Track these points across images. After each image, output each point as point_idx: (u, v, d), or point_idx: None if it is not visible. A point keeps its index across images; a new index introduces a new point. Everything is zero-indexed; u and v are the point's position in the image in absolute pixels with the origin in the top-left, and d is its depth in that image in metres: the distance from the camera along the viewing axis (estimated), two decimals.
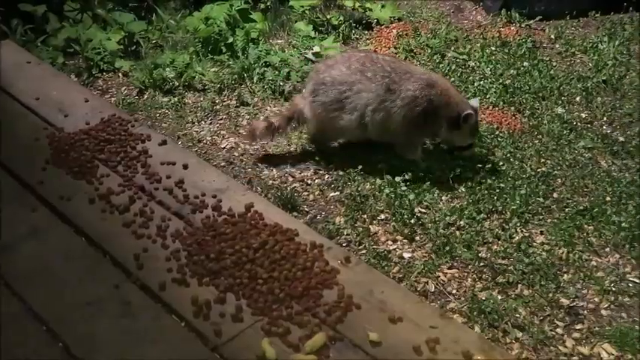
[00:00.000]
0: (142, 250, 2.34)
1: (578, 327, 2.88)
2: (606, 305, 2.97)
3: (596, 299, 3.00)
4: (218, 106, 4.46)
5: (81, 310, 2.11)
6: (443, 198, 3.59)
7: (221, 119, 4.35)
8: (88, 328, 2.05)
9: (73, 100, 3.09)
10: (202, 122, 4.32)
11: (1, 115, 3.01)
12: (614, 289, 3.03)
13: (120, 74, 4.84)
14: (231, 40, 4.98)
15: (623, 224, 3.31)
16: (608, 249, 3.26)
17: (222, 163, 3.90)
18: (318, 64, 4.13)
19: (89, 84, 4.69)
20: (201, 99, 4.54)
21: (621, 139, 4.02)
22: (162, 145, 2.86)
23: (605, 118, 4.22)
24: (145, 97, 4.59)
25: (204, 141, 4.13)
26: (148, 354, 1.98)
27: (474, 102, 3.83)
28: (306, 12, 5.40)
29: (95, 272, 2.27)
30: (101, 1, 5.32)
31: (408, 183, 3.63)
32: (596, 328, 2.86)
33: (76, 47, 4.94)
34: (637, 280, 3.08)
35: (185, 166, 2.74)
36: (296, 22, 5.36)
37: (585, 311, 2.95)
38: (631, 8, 5.34)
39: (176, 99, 4.52)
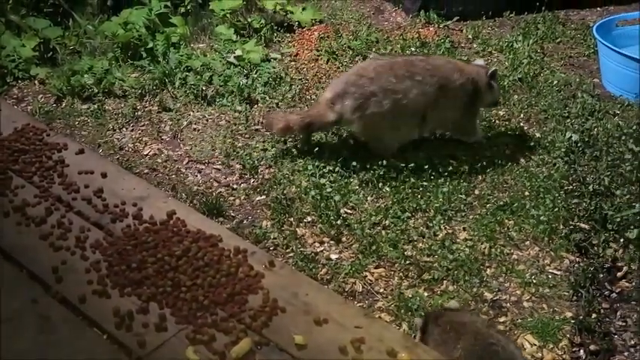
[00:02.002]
0: (60, 262, 2.27)
1: (502, 319, 2.95)
2: (528, 297, 3.05)
3: (518, 292, 3.08)
4: (140, 112, 4.39)
5: (1, 327, 2.03)
6: (368, 198, 3.62)
7: (143, 125, 4.28)
8: (6, 345, 1.98)
9: None
10: (124, 129, 4.24)
11: None
12: (534, 281, 3.12)
13: (36, 82, 4.70)
14: (151, 45, 4.91)
15: (542, 218, 3.41)
16: (528, 242, 3.35)
17: (145, 171, 3.84)
18: (349, 75, 3.95)
19: (3, 93, 4.54)
20: (122, 105, 4.46)
21: (537, 134, 4.14)
22: (80, 154, 2.78)
23: (522, 115, 4.34)
24: (63, 104, 4.47)
25: (126, 148, 4.05)
26: None
27: (480, 61, 4.31)
28: (227, 15, 5.36)
29: (11, 287, 2.19)
30: (14, 6, 5.15)
31: (334, 184, 3.65)
32: (519, 320, 2.94)
33: None
34: (556, 272, 3.18)
35: (104, 175, 2.67)
36: (217, 25, 5.32)
37: (508, 304, 3.03)
38: (543, 8, 5.51)
39: (96, 106, 4.42)
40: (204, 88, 4.55)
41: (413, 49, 5.07)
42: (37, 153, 2.77)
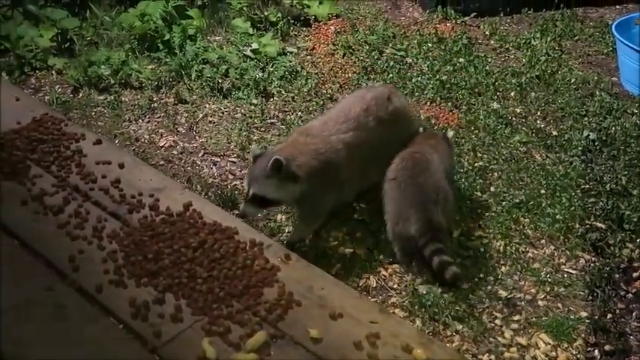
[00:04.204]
0: (77, 251, 2.28)
1: (516, 318, 2.93)
2: (542, 296, 3.04)
3: (533, 290, 3.07)
4: (156, 104, 4.39)
5: (13, 314, 2.04)
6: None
7: (159, 117, 4.28)
8: (21, 332, 1.99)
9: (3, 99, 2.98)
10: (139, 120, 4.25)
11: None
12: (549, 280, 3.10)
13: (53, 72, 4.71)
14: (167, 37, 4.91)
15: (558, 216, 3.40)
16: (543, 241, 3.33)
17: (161, 162, 3.84)
18: None
19: (21, 82, 4.56)
20: (138, 97, 4.46)
21: (554, 132, 4.11)
22: (97, 145, 2.79)
23: (539, 113, 4.31)
24: (80, 95, 4.48)
25: (142, 139, 4.06)
26: (85, 357, 1.93)
27: None
28: (244, 8, 5.36)
29: (28, 275, 2.20)
30: None
31: None
32: (534, 319, 2.92)
33: (7, 44, 4.78)
34: (571, 271, 3.16)
35: (121, 166, 2.68)
36: (234, 18, 5.32)
37: (523, 302, 3.01)
38: (562, 5, 5.47)
39: (112, 97, 4.43)
40: (220, 81, 4.55)
41: (430, 44, 5.05)
42: (55, 143, 2.78)
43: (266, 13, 5.33)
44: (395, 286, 3.09)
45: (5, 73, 4.62)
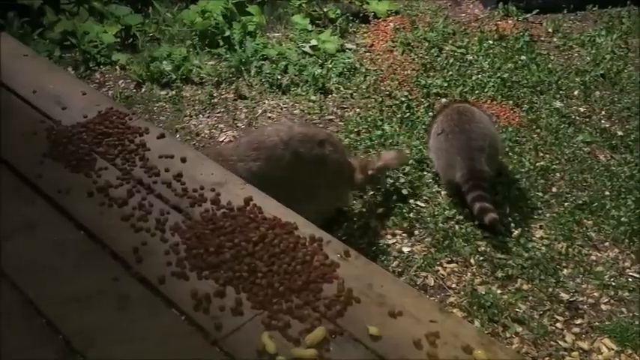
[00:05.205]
0: (140, 243, 2.31)
1: (578, 322, 2.88)
2: (606, 300, 2.97)
3: (596, 294, 3.00)
4: (216, 100, 4.44)
5: (80, 304, 2.08)
6: (442, 192, 3.58)
7: (219, 113, 4.33)
8: (88, 322, 2.03)
9: (70, 93, 3.04)
10: (200, 115, 4.31)
11: None
12: (613, 283, 3.04)
13: (117, 67, 4.82)
14: (228, 33, 4.96)
15: (623, 219, 3.32)
16: (607, 243, 3.26)
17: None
18: None
19: (86, 77, 4.67)
20: (199, 92, 4.53)
21: (620, 133, 4.02)
22: (160, 139, 2.82)
23: (603, 112, 4.22)
24: (143, 90, 4.57)
25: (202, 134, 4.11)
26: (147, 347, 1.96)
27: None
28: (303, 5, 5.38)
29: (94, 266, 2.24)
30: None
31: (407, 177, 3.62)
32: (596, 323, 2.86)
33: (73, 40, 4.91)
34: (636, 275, 3.09)
35: (183, 160, 2.70)
36: (293, 15, 5.34)
37: (585, 306, 2.95)
38: (629, 2, 5.33)
39: (173, 92, 4.50)
40: (279, 77, 4.57)
41: (490, 41, 4.98)
42: (119, 136, 2.81)
43: (325, 10, 5.34)
44: (453, 285, 3.07)
45: (71, 68, 4.74)
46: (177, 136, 4.07)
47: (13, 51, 3.39)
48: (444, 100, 4.23)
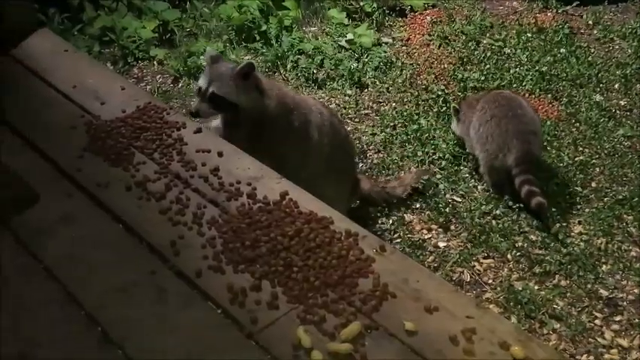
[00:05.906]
0: (177, 237, 2.34)
1: (617, 318, 2.84)
2: None
3: (636, 290, 2.96)
4: None
5: (118, 296, 2.12)
6: (479, 187, 3.55)
7: None
8: (125, 314, 2.06)
9: (109, 88, 3.09)
10: None
11: (38, 103, 3.03)
12: None
13: (155, 62, 4.86)
14: (264, 27, 4.98)
15: None
16: None
17: None
18: None
19: (125, 72, 4.73)
20: None
21: None
22: (197, 133, 2.85)
23: None
24: (180, 85, 4.61)
25: None
26: (184, 339, 1.99)
27: None
28: None
29: (132, 258, 2.27)
30: None
31: (443, 172, 3.60)
32: (636, 320, 2.81)
33: (112, 36, 4.97)
34: None
35: (220, 154, 2.72)
36: (329, 9, 5.33)
37: (625, 302, 2.91)
38: None
39: None
40: (315, 72, 4.58)
41: (529, 34, 4.91)
42: (157, 131, 2.85)
43: (361, 4, 5.32)
44: (489, 281, 3.04)
45: (110, 63, 4.80)
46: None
47: (54, 47, 3.45)
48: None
